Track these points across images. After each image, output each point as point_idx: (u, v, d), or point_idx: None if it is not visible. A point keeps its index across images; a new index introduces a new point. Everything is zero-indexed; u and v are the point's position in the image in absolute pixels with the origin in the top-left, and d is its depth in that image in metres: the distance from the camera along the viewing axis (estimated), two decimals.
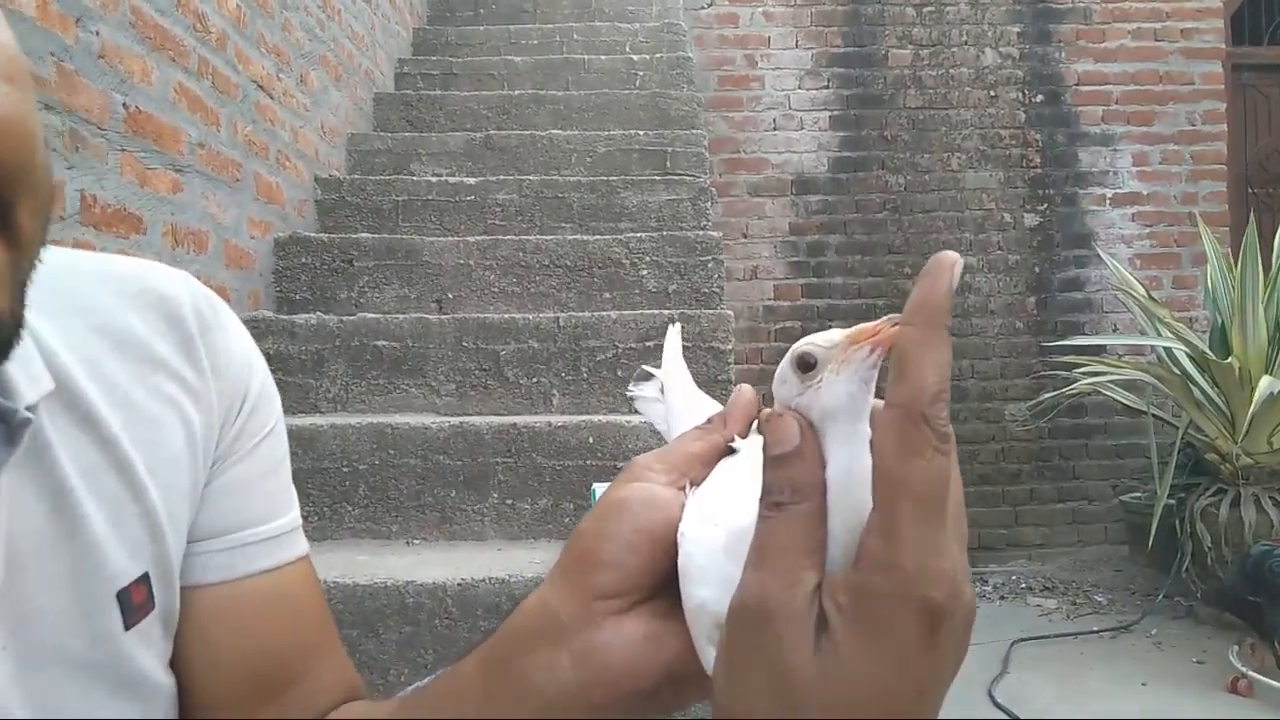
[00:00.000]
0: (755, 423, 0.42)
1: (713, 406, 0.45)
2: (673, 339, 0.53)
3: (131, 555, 0.51)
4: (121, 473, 0.51)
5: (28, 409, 0.45)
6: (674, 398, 0.51)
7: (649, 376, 0.55)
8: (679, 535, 0.37)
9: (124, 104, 1.79)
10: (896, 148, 4.42)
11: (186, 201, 2.03)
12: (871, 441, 0.32)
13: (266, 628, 0.58)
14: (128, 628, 0.50)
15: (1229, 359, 3.18)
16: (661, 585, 0.38)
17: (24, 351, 0.46)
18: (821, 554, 0.32)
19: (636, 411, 0.56)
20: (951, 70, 4.46)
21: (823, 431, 0.33)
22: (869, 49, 4.48)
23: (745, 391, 0.44)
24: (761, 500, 0.33)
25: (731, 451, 0.41)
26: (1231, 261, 3.48)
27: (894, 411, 0.30)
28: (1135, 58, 4.50)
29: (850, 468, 0.32)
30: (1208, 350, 3.24)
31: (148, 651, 0.51)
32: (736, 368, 2.52)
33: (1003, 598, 3.58)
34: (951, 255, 0.31)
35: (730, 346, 2.26)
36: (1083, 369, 3.57)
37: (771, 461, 0.33)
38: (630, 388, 0.56)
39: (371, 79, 3.51)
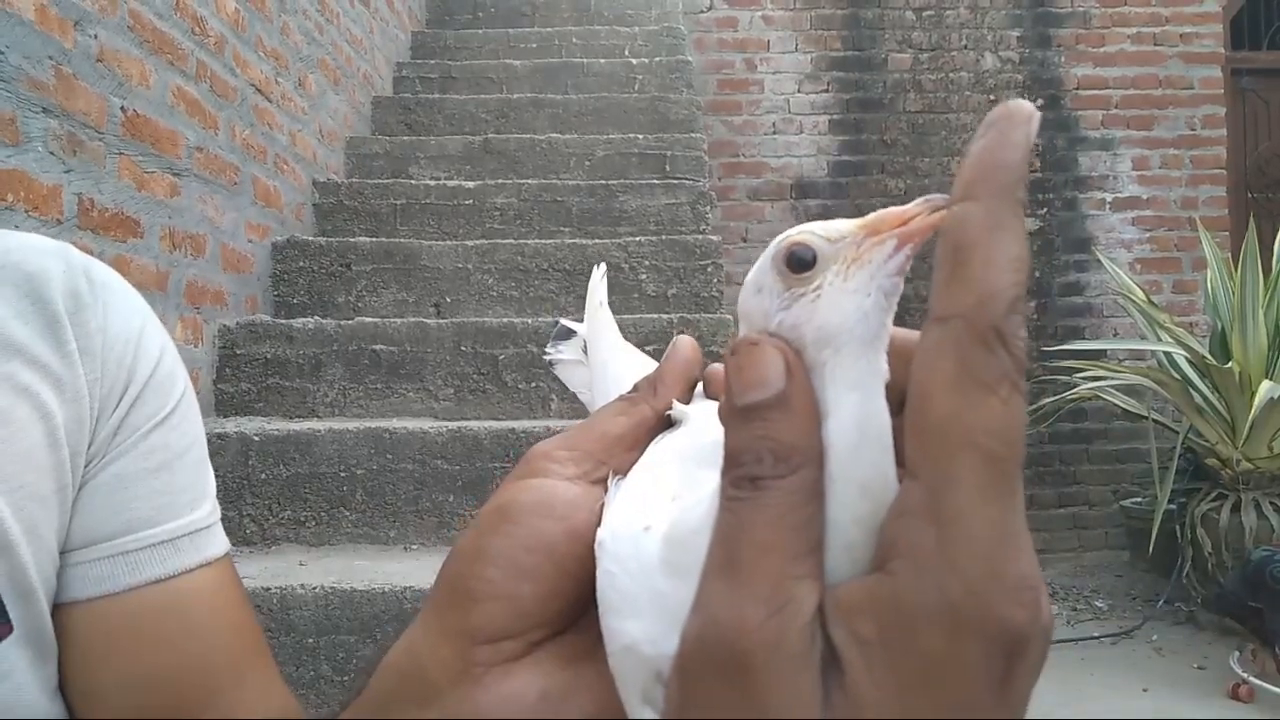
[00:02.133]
0: (699, 384, 0.31)
1: (650, 368, 0.32)
2: (596, 284, 0.40)
3: None
4: None
5: None
6: (599, 358, 0.38)
7: (570, 334, 0.43)
8: (596, 546, 0.26)
9: (122, 107, 1.78)
10: (896, 152, 4.41)
11: (184, 205, 2.03)
12: (889, 385, 0.22)
13: (161, 646, 0.50)
14: None
15: (1229, 364, 3.17)
16: (571, 618, 0.27)
17: None
18: (820, 555, 0.21)
19: (557, 379, 0.44)
20: (951, 74, 4.46)
21: (819, 367, 0.22)
22: (869, 53, 4.48)
23: (683, 344, 0.32)
24: (725, 477, 0.22)
25: (669, 425, 0.30)
26: (1231, 266, 3.47)
27: (951, 327, 0.19)
28: (1134, 62, 4.50)
29: (862, 422, 0.21)
30: (1208, 355, 3.23)
31: (8, 681, 0.45)
32: None
33: None
34: (1025, 105, 0.21)
35: None
36: (1083, 374, 3.56)
37: (740, 415, 0.22)
38: (548, 348, 0.43)
39: (370, 82, 3.51)
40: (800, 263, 0.23)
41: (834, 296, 0.22)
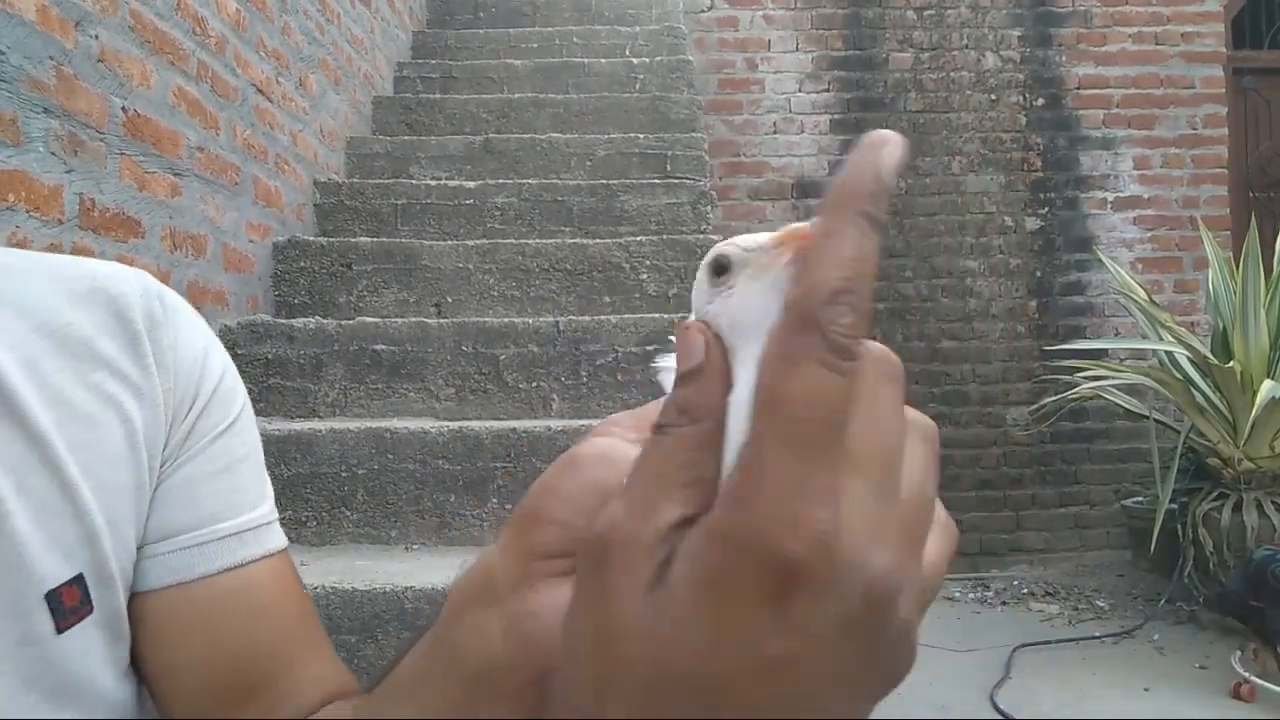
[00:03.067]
0: None
1: None
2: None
3: (63, 557, 0.50)
4: (52, 472, 0.50)
5: None
6: None
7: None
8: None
9: (123, 107, 1.78)
10: None
11: (185, 205, 2.03)
12: None
13: (231, 628, 0.56)
14: (59, 631, 0.49)
15: (1231, 363, 3.17)
16: None
17: None
18: (700, 489, 0.26)
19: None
20: (952, 74, 4.46)
21: (731, 348, 0.28)
22: (869, 52, 4.47)
23: None
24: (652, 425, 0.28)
25: None
26: (1233, 265, 3.47)
27: (783, 315, 0.24)
28: (1136, 61, 4.49)
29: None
30: (1209, 354, 3.23)
31: (86, 657, 0.50)
32: None
33: (1004, 603, 3.57)
34: (887, 134, 0.26)
35: None
36: (1084, 373, 3.56)
37: (675, 381, 0.28)
38: (656, 360, 0.49)
39: (370, 82, 3.51)
40: (720, 269, 0.30)
41: (742, 295, 0.29)
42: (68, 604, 0.49)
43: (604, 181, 2.97)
